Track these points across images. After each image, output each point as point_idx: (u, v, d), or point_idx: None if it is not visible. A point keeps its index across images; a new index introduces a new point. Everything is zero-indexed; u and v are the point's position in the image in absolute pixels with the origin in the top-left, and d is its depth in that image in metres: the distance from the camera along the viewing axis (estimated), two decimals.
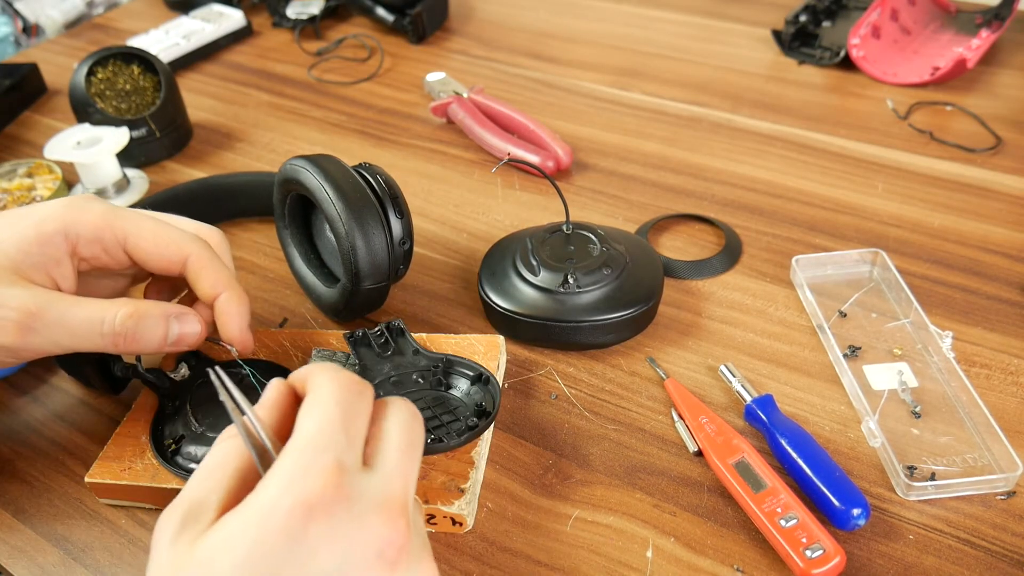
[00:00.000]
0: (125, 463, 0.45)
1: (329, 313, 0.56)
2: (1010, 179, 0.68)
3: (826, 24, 0.89)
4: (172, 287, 0.50)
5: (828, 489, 0.42)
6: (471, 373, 0.48)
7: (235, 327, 0.45)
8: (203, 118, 0.83)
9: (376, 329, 0.50)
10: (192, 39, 0.93)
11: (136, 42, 0.92)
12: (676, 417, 0.49)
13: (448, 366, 0.48)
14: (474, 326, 0.57)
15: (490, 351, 0.50)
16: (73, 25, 1.16)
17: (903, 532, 0.43)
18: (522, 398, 0.51)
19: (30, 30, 1.14)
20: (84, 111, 0.73)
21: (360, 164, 0.54)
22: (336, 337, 0.52)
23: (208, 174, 0.74)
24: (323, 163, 0.52)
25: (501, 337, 0.51)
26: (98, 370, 0.49)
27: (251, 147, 0.78)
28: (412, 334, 0.51)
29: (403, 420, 0.33)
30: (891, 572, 0.41)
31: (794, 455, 0.44)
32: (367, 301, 0.53)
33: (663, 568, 0.42)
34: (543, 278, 0.53)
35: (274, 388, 0.34)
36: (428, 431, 0.44)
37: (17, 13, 1.13)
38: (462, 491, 0.43)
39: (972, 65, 0.79)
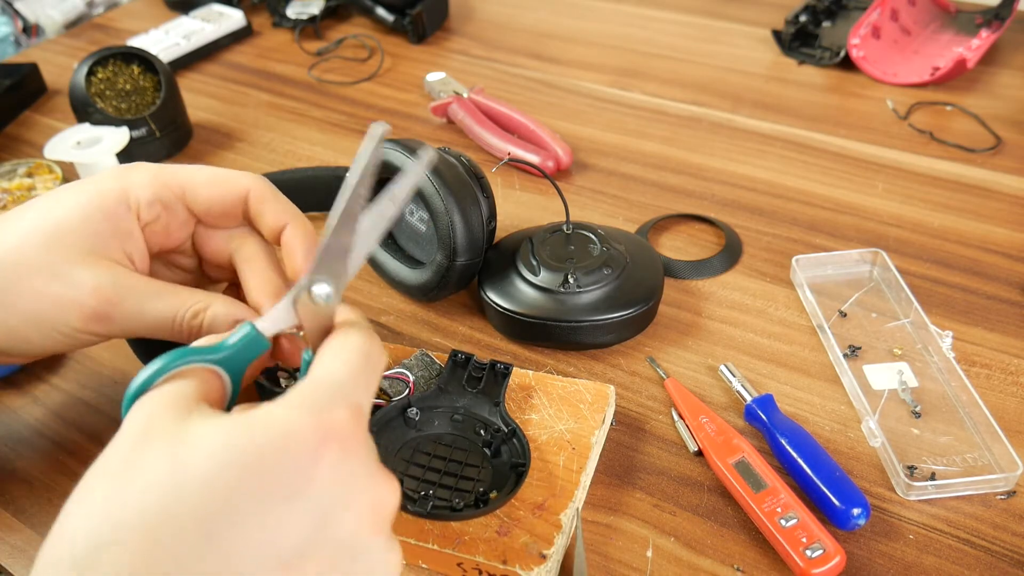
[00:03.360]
0: None
1: (417, 294, 0.57)
2: (1010, 179, 0.68)
3: (826, 24, 0.89)
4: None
5: (828, 489, 0.42)
6: (518, 461, 0.43)
7: (301, 259, 0.41)
8: (203, 118, 0.83)
9: (483, 362, 0.49)
10: (192, 39, 0.93)
11: (136, 42, 0.92)
12: (676, 417, 0.49)
13: (511, 436, 0.45)
14: (474, 326, 0.57)
15: (598, 401, 0.47)
16: (73, 25, 1.16)
17: (903, 532, 0.43)
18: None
19: (30, 30, 1.14)
20: (84, 111, 0.73)
21: (442, 147, 0.56)
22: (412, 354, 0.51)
23: None
24: (413, 145, 0.53)
25: (611, 387, 0.48)
26: None
27: (251, 147, 0.78)
28: (520, 370, 0.49)
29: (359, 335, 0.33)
30: (891, 572, 0.41)
31: (794, 455, 0.44)
32: (461, 278, 0.54)
33: (663, 568, 0.42)
34: (543, 278, 0.53)
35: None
36: (448, 488, 0.42)
37: (17, 13, 1.13)
38: (544, 557, 0.39)
39: (972, 65, 0.79)
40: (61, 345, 0.40)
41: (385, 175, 0.54)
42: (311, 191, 0.67)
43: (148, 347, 0.50)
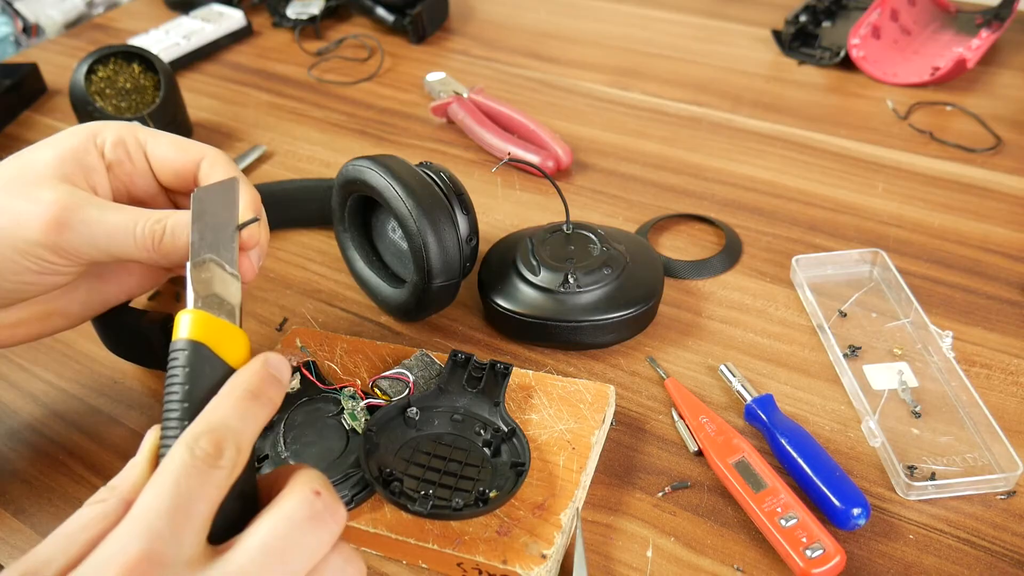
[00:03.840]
0: None
1: (397, 314, 0.56)
2: (1010, 179, 0.68)
3: (826, 24, 0.89)
4: None
5: (828, 489, 0.42)
6: (518, 461, 0.44)
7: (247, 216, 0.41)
8: (203, 118, 0.83)
9: (483, 362, 0.49)
10: (192, 39, 0.93)
11: (136, 42, 0.92)
12: (676, 417, 0.49)
13: (510, 436, 0.45)
14: (474, 326, 0.57)
15: (598, 401, 0.47)
16: (73, 25, 1.16)
17: (903, 532, 0.43)
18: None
19: (30, 30, 1.14)
20: (84, 109, 0.73)
21: (421, 163, 0.54)
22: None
23: None
24: (389, 162, 0.52)
25: (612, 387, 0.48)
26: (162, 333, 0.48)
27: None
28: (520, 370, 0.49)
29: (287, 522, 0.30)
30: (891, 572, 0.41)
31: (794, 455, 0.44)
32: (438, 299, 0.53)
33: (663, 568, 0.42)
34: (543, 278, 0.53)
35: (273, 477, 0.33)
36: (448, 488, 0.42)
37: (17, 13, 1.13)
38: (544, 557, 0.40)
39: (972, 65, 0.80)
40: (21, 270, 0.40)
41: (358, 191, 0.53)
42: (303, 203, 0.66)
43: (113, 330, 0.50)
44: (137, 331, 0.50)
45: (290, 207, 0.66)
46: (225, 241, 0.36)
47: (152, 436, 0.32)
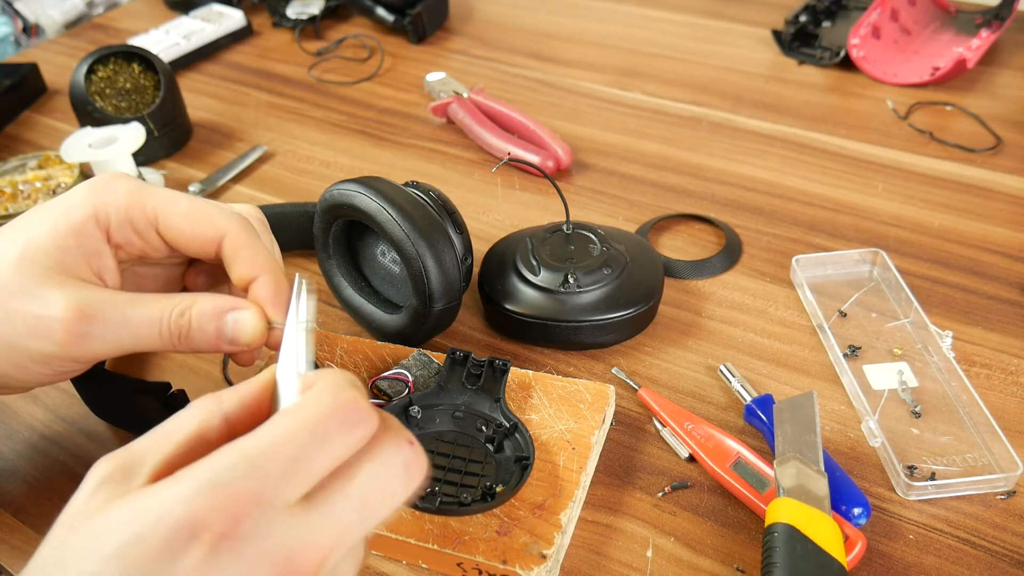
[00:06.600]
0: None
1: (395, 340, 0.53)
2: (1010, 179, 0.68)
3: (826, 24, 0.89)
4: (215, 273, 0.45)
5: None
6: (522, 455, 0.44)
7: (268, 312, 0.39)
8: (203, 118, 0.83)
9: (481, 359, 0.48)
10: (192, 39, 0.93)
11: (136, 42, 0.92)
12: (659, 425, 0.48)
13: (513, 431, 0.45)
14: (473, 325, 0.57)
15: (597, 401, 0.47)
16: (73, 25, 1.16)
17: (903, 532, 0.43)
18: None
19: (30, 30, 1.14)
20: (84, 109, 0.73)
21: (408, 182, 0.52)
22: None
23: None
24: (378, 185, 0.49)
25: (612, 387, 0.48)
26: (160, 400, 0.46)
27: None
28: (520, 370, 0.49)
29: (386, 472, 0.29)
30: (891, 572, 0.41)
31: None
32: (439, 323, 0.51)
33: (663, 568, 0.42)
34: (543, 278, 0.53)
35: (265, 378, 0.31)
36: (454, 484, 0.42)
37: (17, 13, 1.13)
38: (544, 557, 0.39)
39: (972, 65, 0.79)
40: (35, 377, 0.39)
41: (345, 215, 0.51)
42: (287, 228, 0.62)
43: (103, 400, 0.49)
44: (131, 403, 0.47)
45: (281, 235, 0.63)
46: (809, 444, 0.42)
47: (269, 371, 0.31)
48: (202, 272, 0.45)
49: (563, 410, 0.47)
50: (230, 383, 0.44)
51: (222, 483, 0.26)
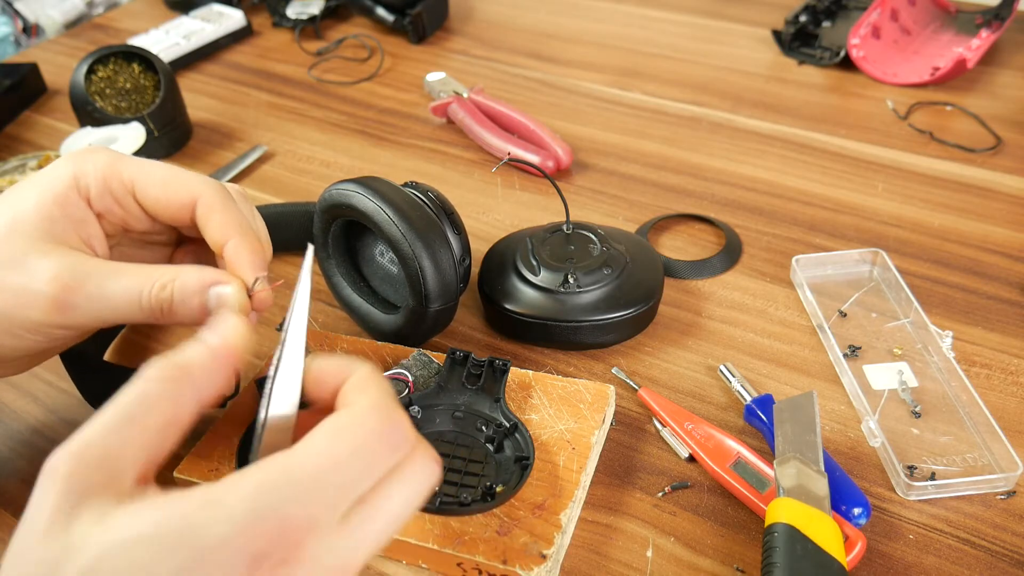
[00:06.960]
0: (214, 463, 0.43)
1: (392, 340, 0.53)
2: (1010, 179, 0.68)
3: (826, 24, 0.89)
4: (201, 254, 0.45)
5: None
6: (522, 455, 0.44)
7: (245, 275, 0.39)
8: (203, 118, 0.83)
9: (481, 359, 0.48)
10: (192, 39, 0.93)
11: (136, 42, 0.92)
12: (659, 425, 0.48)
13: (513, 431, 0.45)
14: (473, 325, 0.57)
15: (597, 401, 0.47)
16: (73, 25, 1.16)
17: (903, 532, 0.43)
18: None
19: (30, 30, 1.14)
20: (84, 109, 0.73)
21: (407, 183, 0.52)
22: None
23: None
24: (376, 185, 0.49)
25: (612, 387, 0.48)
26: None
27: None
28: (520, 370, 0.48)
29: (416, 490, 0.30)
30: (891, 572, 0.41)
31: None
32: (436, 323, 0.51)
33: (663, 568, 0.42)
34: (543, 278, 0.53)
35: (319, 370, 0.32)
36: (454, 484, 0.42)
37: (17, 13, 1.13)
38: (544, 557, 0.39)
39: (972, 65, 0.80)
40: (31, 344, 0.39)
41: (344, 215, 0.52)
42: (286, 228, 0.62)
43: (95, 388, 0.49)
44: None
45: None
46: (809, 444, 0.42)
47: (237, 332, 0.32)
48: (190, 252, 0.45)
49: (563, 410, 0.47)
50: None
51: (277, 509, 0.26)
